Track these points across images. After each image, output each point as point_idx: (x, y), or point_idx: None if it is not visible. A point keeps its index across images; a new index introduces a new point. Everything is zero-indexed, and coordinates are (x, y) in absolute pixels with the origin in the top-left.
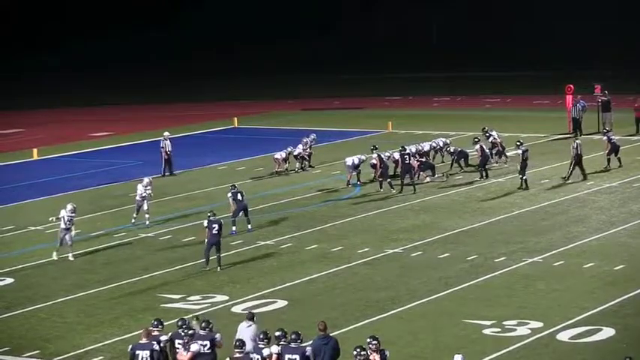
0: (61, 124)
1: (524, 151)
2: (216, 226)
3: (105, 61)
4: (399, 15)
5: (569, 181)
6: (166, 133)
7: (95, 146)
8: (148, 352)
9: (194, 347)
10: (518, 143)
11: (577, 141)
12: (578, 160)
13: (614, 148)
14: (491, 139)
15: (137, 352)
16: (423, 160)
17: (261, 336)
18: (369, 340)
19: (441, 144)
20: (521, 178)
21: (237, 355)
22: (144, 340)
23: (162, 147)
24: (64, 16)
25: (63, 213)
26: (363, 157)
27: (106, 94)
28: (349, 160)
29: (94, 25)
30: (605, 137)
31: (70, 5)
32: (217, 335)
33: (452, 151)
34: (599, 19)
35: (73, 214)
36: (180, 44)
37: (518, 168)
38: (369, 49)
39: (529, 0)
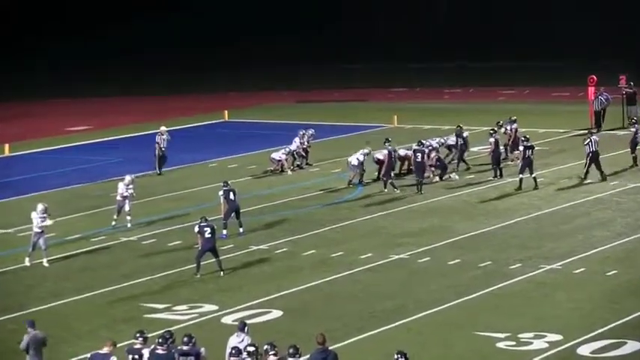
0: (37, 118)
1: (526, 148)
2: (208, 229)
3: (105, 61)
4: (399, 15)
5: (588, 181)
6: (163, 128)
7: (72, 141)
8: None
9: None
10: (523, 139)
11: (593, 137)
12: (594, 158)
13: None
14: (504, 131)
15: None
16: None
17: (250, 349)
18: (396, 356)
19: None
20: (521, 179)
21: None
22: (105, 350)
23: (158, 142)
24: (64, 16)
25: (33, 215)
26: (367, 151)
27: (99, 88)
28: (354, 159)
29: (94, 24)
30: (633, 128)
31: (70, 5)
32: (202, 350)
33: (449, 144)
34: (599, 19)
35: (45, 215)
36: (181, 43)
37: (519, 167)
38: (369, 49)
39: (529, 0)
